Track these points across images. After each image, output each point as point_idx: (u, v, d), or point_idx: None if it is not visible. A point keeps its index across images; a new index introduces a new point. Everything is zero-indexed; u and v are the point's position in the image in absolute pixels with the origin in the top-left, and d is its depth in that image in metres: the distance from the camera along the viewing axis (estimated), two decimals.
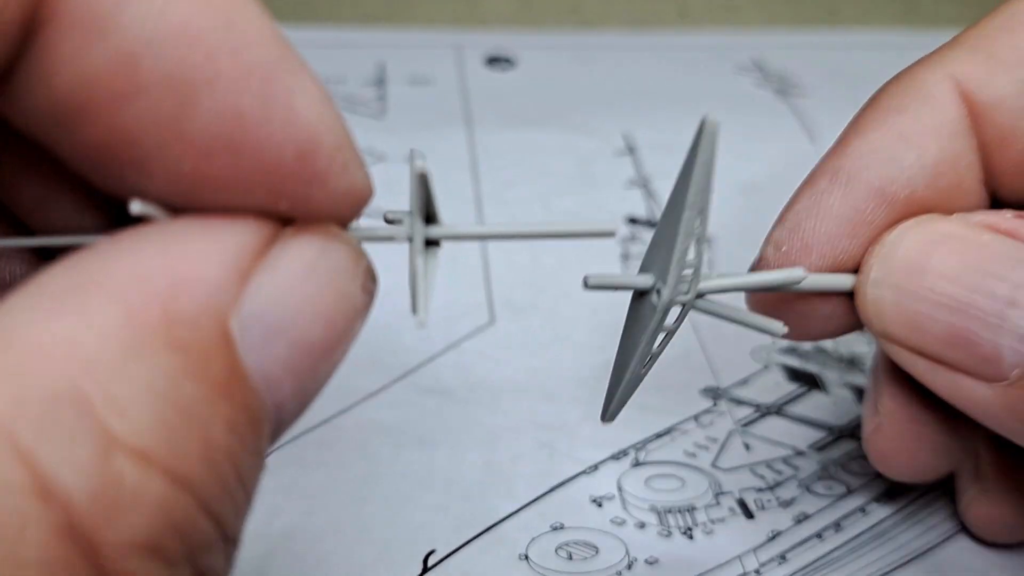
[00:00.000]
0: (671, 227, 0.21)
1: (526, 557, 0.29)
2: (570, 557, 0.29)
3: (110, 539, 0.13)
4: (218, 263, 0.15)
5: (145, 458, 0.14)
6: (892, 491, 0.31)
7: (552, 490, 0.31)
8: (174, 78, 0.15)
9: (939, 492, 0.31)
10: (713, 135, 0.19)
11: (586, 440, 0.33)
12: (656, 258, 0.23)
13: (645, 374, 0.23)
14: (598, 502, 0.31)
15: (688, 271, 0.21)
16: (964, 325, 0.22)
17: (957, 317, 0.22)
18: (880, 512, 0.30)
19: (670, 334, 0.22)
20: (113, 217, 0.19)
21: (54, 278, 0.14)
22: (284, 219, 0.17)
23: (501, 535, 0.29)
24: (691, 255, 0.21)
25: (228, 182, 0.16)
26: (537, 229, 0.20)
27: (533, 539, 0.29)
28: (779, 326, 0.23)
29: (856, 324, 0.25)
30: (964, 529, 0.30)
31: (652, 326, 0.22)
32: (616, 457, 0.32)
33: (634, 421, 0.33)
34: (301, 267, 0.16)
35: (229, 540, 0.15)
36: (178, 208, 0.16)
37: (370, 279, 0.18)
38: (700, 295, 0.22)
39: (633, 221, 0.43)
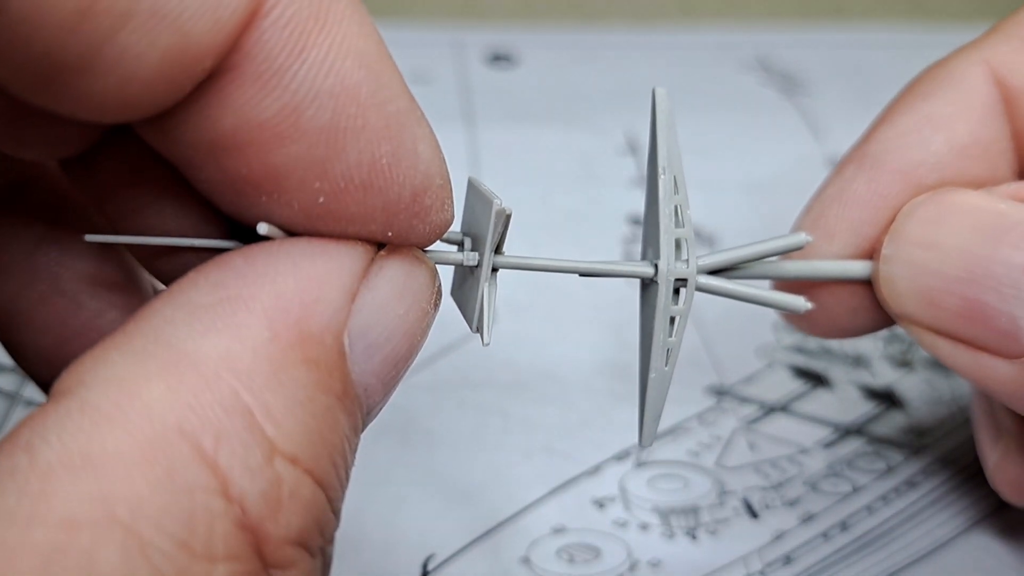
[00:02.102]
0: (653, 201, 0.21)
1: (527, 560, 0.28)
2: (572, 560, 0.28)
3: (272, 533, 0.15)
4: (337, 285, 0.17)
5: (296, 462, 0.15)
6: (899, 489, 0.31)
7: (553, 492, 0.30)
8: (329, 126, 0.16)
9: (947, 488, 0.31)
10: (665, 100, 0.21)
11: (587, 441, 0.32)
12: (649, 240, 0.22)
13: (671, 373, 0.22)
14: (600, 503, 0.30)
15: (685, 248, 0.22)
16: (978, 298, 0.21)
17: (971, 289, 0.21)
18: (887, 511, 0.30)
19: (683, 317, 0.22)
20: (212, 222, 0.20)
21: (200, 292, 0.16)
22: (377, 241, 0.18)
23: (501, 538, 0.29)
24: (683, 230, 0.21)
25: (353, 215, 0.17)
26: (588, 267, 0.22)
27: (534, 542, 0.29)
28: (801, 301, 0.22)
29: (885, 319, 0.24)
30: (973, 526, 0.29)
31: (660, 304, 0.21)
32: (618, 458, 0.32)
33: (636, 420, 0.33)
34: (394, 288, 0.18)
35: (335, 534, 0.17)
36: (296, 232, 0.18)
37: (439, 296, 0.19)
38: (703, 271, 0.22)
39: (636, 221, 0.42)
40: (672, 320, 0.22)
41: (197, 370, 0.15)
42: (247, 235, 0.18)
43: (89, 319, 0.22)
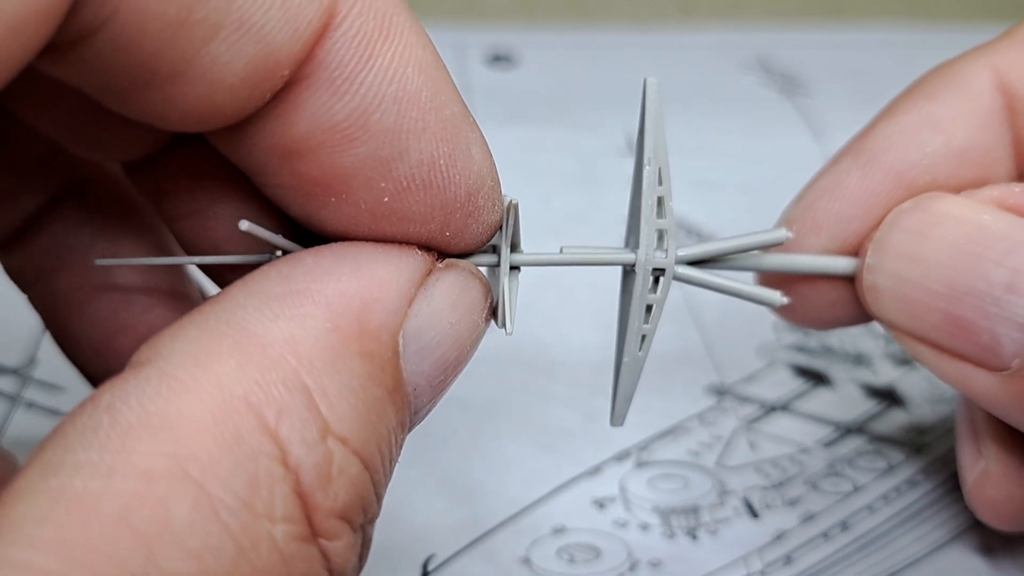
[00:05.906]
0: (638, 191, 0.22)
1: (527, 560, 0.28)
2: (572, 560, 0.28)
3: (321, 503, 0.16)
4: (396, 288, 0.18)
5: (346, 442, 0.17)
6: (900, 488, 0.31)
7: (553, 492, 0.30)
8: (394, 128, 0.18)
9: (948, 487, 0.30)
10: (655, 91, 0.21)
11: (588, 441, 0.32)
12: (632, 229, 0.22)
13: (644, 358, 0.22)
14: (600, 503, 0.30)
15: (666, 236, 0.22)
16: (961, 314, 0.21)
17: (953, 305, 0.21)
18: (888, 510, 0.30)
19: (658, 305, 0.22)
20: (266, 224, 0.22)
21: (271, 283, 0.17)
22: (434, 250, 0.20)
23: (502, 538, 0.29)
24: (664, 221, 0.21)
25: (414, 214, 0.19)
26: (570, 258, 0.22)
27: (534, 542, 0.29)
28: (777, 296, 0.23)
29: (866, 315, 0.24)
30: (975, 525, 0.29)
31: (636, 292, 0.22)
32: (618, 458, 0.32)
33: (636, 420, 0.32)
34: (449, 298, 0.19)
35: (376, 519, 0.18)
36: (361, 233, 0.19)
37: (490, 311, 0.21)
38: (682, 262, 0.22)
39: None
40: (649, 308, 0.22)
41: (264, 351, 0.16)
42: (307, 240, 0.19)
43: (138, 314, 0.23)
